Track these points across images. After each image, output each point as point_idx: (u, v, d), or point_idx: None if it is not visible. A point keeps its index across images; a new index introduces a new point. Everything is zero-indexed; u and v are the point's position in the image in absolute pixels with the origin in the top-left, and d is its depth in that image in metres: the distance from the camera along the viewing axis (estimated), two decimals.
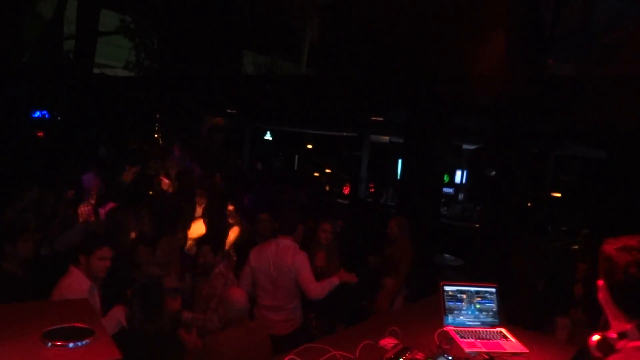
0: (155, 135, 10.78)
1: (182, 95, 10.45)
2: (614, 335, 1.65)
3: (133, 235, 4.75)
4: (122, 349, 1.86)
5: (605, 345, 1.67)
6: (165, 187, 7.91)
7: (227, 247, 5.49)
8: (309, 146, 18.21)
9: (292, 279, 3.96)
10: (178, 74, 10.70)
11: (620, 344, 1.61)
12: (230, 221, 5.89)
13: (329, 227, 5.26)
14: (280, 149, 18.12)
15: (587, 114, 6.50)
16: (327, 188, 14.60)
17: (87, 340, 1.37)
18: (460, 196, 15.39)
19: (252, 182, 10.91)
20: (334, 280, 4.05)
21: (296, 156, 18.72)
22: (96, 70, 12.32)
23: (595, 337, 1.72)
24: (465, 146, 13.96)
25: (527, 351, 2.72)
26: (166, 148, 9.88)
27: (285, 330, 4.02)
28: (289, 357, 2.23)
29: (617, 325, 1.65)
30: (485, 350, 2.66)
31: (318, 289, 3.98)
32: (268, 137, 17.03)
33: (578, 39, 5.84)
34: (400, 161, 13.72)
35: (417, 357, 2.49)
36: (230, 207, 5.90)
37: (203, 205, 6.68)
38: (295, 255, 4.01)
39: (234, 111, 12.70)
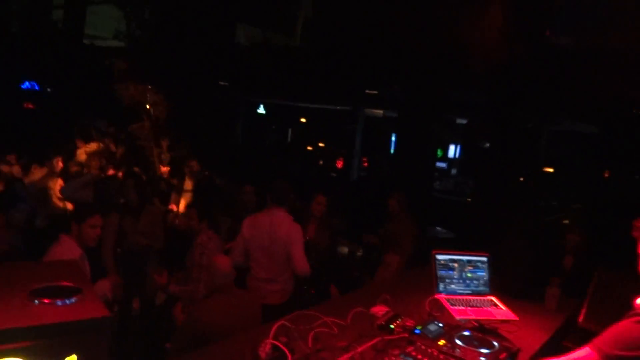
0: (147, 107, 10.63)
1: (174, 66, 10.30)
2: None
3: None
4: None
5: None
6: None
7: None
8: (303, 120, 18.11)
9: (285, 250, 3.95)
10: (170, 45, 10.53)
11: None
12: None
13: (324, 200, 5.25)
14: (273, 122, 18.01)
15: (583, 87, 6.47)
16: (320, 162, 14.61)
17: (75, 299, 1.36)
18: (453, 171, 15.45)
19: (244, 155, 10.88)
20: None
21: (290, 130, 18.64)
22: (86, 41, 12.11)
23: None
24: (459, 121, 13.95)
25: (517, 319, 2.75)
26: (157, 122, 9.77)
27: (279, 300, 4.04)
28: (280, 323, 2.24)
29: None
30: (475, 318, 2.68)
31: (307, 266, 3.98)
32: (261, 110, 16.88)
33: (576, 9, 5.78)
34: (394, 135, 13.74)
35: (408, 324, 2.51)
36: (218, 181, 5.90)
37: (193, 179, 6.66)
38: (290, 227, 3.99)
39: (227, 83, 12.56)
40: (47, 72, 11.48)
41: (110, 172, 6.15)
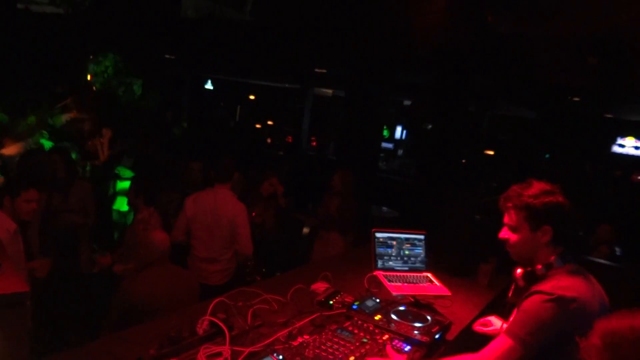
0: (88, 78, 10.15)
1: (116, 36, 9.86)
2: (539, 267, 1.93)
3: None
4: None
5: (530, 276, 1.95)
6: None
7: None
8: (252, 97, 17.87)
9: (229, 230, 3.93)
10: (112, 14, 10.05)
11: (548, 273, 1.90)
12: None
13: (275, 181, 5.24)
14: (221, 99, 17.66)
15: (523, 74, 6.71)
16: (269, 140, 14.51)
17: None
18: (400, 152, 15.72)
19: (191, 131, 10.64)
20: None
21: (238, 107, 18.35)
22: (20, 5, 11.36)
23: (519, 270, 1.99)
24: (406, 102, 14.16)
25: (450, 294, 2.87)
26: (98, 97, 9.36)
27: (221, 280, 4.03)
28: (218, 299, 2.24)
29: (543, 260, 1.94)
30: (411, 293, 2.78)
31: (251, 247, 4.00)
32: (209, 86, 16.50)
33: None
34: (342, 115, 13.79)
35: (347, 300, 2.57)
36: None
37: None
38: (234, 207, 3.97)
39: (172, 57, 12.16)
40: None
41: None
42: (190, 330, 2.02)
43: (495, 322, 2.35)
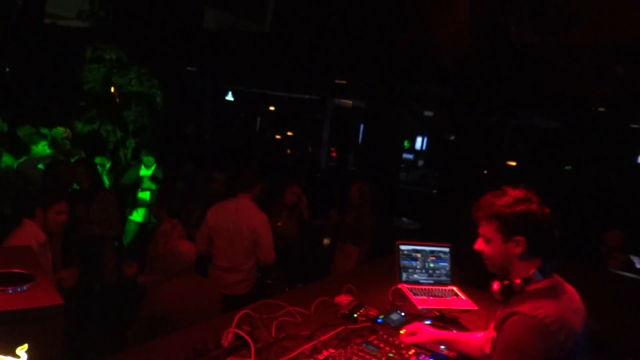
0: (112, 90, 10.33)
1: (139, 50, 10.04)
2: (518, 281, 1.80)
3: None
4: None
5: (507, 290, 1.83)
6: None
7: None
8: (271, 108, 17.98)
9: (250, 239, 3.94)
10: (135, 28, 10.25)
11: (527, 288, 1.78)
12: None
13: (298, 190, 5.25)
14: (242, 110, 17.81)
15: (545, 84, 6.63)
16: (289, 151, 14.56)
17: (27, 286, 1.32)
18: (420, 162, 15.64)
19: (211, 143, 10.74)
20: None
21: (258, 118, 18.47)
22: (47, 20, 11.65)
23: (497, 285, 1.87)
24: (426, 113, 14.11)
25: (476, 308, 2.81)
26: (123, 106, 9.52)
27: (241, 290, 4.03)
28: (243, 311, 2.23)
29: (521, 273, 1.81)
30: (436, 307, 2.74)
31: (273, 255, 4.00)
32: (230, 97, 16.67)
33: (541, 6, 5.90)
34: (362, 126, 13.80)
35: (371, 313, 2.54)
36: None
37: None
38: (256, 216, 3.98)
39: (194, 69, 12.33)
40: (4, 52, 11.02)
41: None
42: (216, 342, 2.02)
43: (424, 330, 2.20)
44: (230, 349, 1.99)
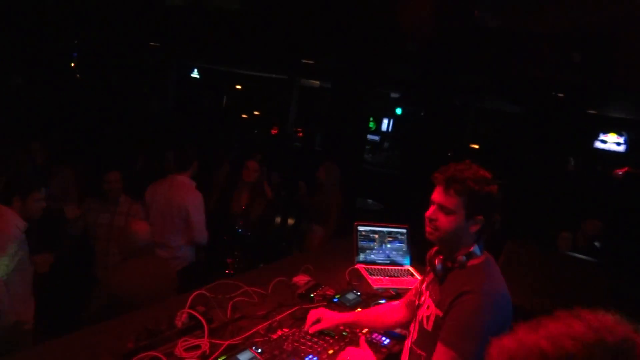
0: (72, 65, 10.02)
1: (102, 25, 9.71)
2: (460, 257, 1.80)
3: None
4: None
5: (449, 265, 1.83)
6: None
7: None
8: (238, 87, 17.74)
9: (181, 217, 3.92)
10: (97, 2, 9.88)
11: (469, 264, 1.80)
12: None
13: (254, 165, 5.21)
14: (207, 88, 17.50)
15: (508, 68, 6.74)
16: (255, 130, 14.43)
17: None
18: (386, 144, 15.73)
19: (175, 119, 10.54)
20: None
21: (224, 97, 18.20)
22: None
23: (438, 261, 1.87)
24: (393, 94, 14.16)
25: None
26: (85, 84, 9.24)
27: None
28: (198, 292, 2.23)
29: (464, 250, 1.82)
30: (392, 287, 2.79)
31: (204, 235, 3.98)
32: (195, 75, 16.34)
33: None
34: (329, 106, 13.76)
35: (328, 292, 2.58)
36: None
37: None
38: (188, 194, 3.96)
39: (158, 45, 12.02)
40: None
41: None
42: (169, 323, 2.01)
43: (328, 315, 2.14)
44: (183, 330, 1.99)
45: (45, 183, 3.10)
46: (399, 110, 13.97)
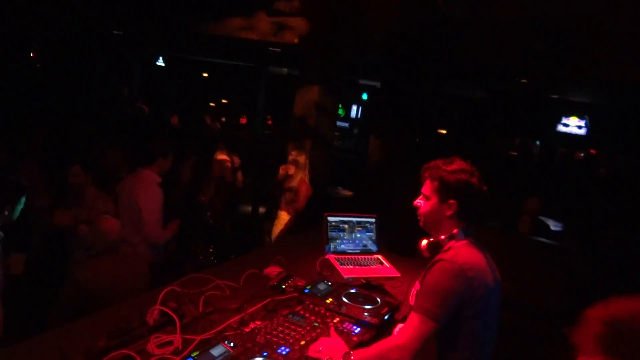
0: (31, 55, 9.69)
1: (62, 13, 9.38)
2: (442, 237, 2.06)
3: None
4: None
5: (434, 246, 2.08)
6: None
7: None
8: (205, 75, 17.49)
9: (135, 213, 3.88)
10: None
11: (450, 244, 2.02)
12: None
13: (225, 159, 5.19)
14: (173, 76, 17.19)
15: (472, 55, 6.85)
16: (223, 119, 14.27)
17: None
18: (355, 130, 15.82)
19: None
20: (168, 233, 4.08)
21: (191, 85, 17.92)
22: None
23: (425, 241, 2.12)
24: (362, 81, 14.22)
25: (399, 275, 2.95)
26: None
27: None
28: (169, 288, 2.22)
29: (446, 231, 2.06)
30: (362, 276, 2.84)
31: (156, 234, 3.93)
32: (160, 63, 16.03)
33: None
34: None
35: (299, 283, 2.61)
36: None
37: None
38: (144, 190, 3.92)
39: (121, 32, 11.71)
40: None
41: None
42: (140, 320, 2.01)
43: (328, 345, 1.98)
44: (155, 326, 1.99)
45: (26, 191, 3.02)
46: (364, 96, 14.05)
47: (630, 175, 11.56)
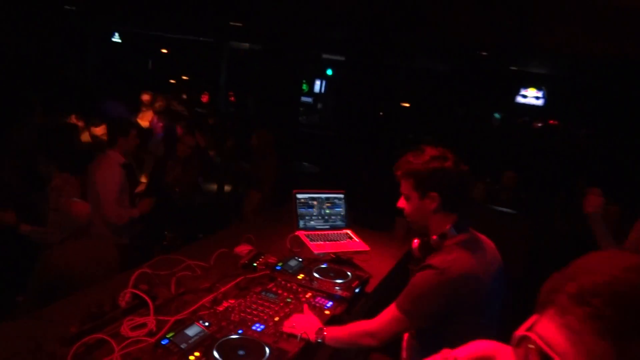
0: None
1: None
2: (434, 238, 1.92)
3: None
4: None
5: (426, 247, 1.95)
6: None
7: None
8: (164, 51, 16.99)
9: (95, 193, 3.89)
10: None
11: (442, 244, 1.89)
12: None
13: (191, 141, 5.12)
14: (131, 53, 16.62)
15: (436, 29, 6.90)
16: (184, 96, 13.98)
17: None
18: (319, 105, 15.77)
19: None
20: (134, 212, 4.06)
21: (149, 61, 17.39)
22: None
23: (416, 241, 2.00)
24: (325, 55, 14.11)
25: (369, 249, 3.01)
26: None
27: None
28: (140, 270, 2.21)
29: (437, 229, 1.92)
30: (332, 251, 2.89)
31: (112, 214, 3.91)
32: (116, 39, 15.46)
33: None
34: (260, 69, 13.54)
35: (270, 261, 2.63)
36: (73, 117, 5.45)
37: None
38: (102, 169, 3.93)
39: (73, 7, 11.24)
40: None
41: None
42: (112, 303, 2.00)
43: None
44: (128, 309, 1.99)
45: None
46: (329, 71, 13.99)
47: (584, 144, 12.01)
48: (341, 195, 3.24)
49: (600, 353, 0.69)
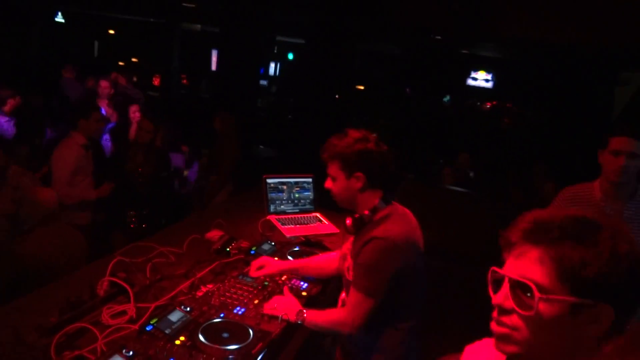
0: None
1: None
2: (366, 212, 2.03)
3: None
4: None
5: (359, 222, 2.04)
6: None
7: None
8: (111, 32, 16.37)
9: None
10: None
11: (375, 217, 2.01)
12: None
13: (150, 127, 5.00)
14: (75, 34, 15.90)
15: (390, 13, 7.00)
16: (135, 79, 13.56)
17: None
18: (274, 88, 15.66)
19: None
20: (90, 194, 4.05)
21: (96, 43, 16.71)
22: None
23: (349, 219, 2.07)
24: (279, 38, 13.99)
25: (338, 231, 3.09)
26: None
27: None
28: (116, 259, 2.20)
29: (367, 205, 2.04)
30: (303, 234, 2.95)
31: (61, 192, 3.89)
32: (60, 19, 14.74)
33: None
34: (214, 51, 13.28)
35: (243, 245, 2.66)
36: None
37: None
38: (60, 150, 3.94)
39: None
40: None
41: None
42: (91, 292, 1.99)
43: (271, 262, 2.35)
44: (107, 297, 1.98)
45: None
46: (290, 56, 13.90)
47: (530, 125, 12.51)
48: (310, 180, 3.30)
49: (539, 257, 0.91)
